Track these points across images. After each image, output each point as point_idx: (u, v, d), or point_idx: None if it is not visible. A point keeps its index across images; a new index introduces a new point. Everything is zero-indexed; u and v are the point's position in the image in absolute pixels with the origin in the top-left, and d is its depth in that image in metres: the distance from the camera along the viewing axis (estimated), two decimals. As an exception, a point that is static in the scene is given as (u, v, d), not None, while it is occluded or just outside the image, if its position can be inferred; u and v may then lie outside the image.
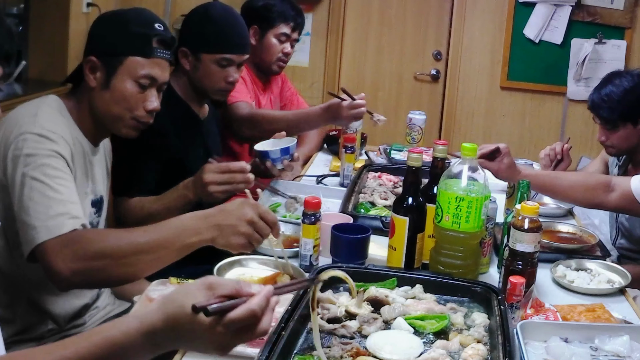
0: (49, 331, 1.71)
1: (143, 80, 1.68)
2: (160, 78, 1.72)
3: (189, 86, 2.24)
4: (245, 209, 1.54)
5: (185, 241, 1.50)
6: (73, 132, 1.67)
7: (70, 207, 1.50)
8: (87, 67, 1.68)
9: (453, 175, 1.67)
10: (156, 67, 1.70)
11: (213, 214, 1.54)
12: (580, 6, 3.99)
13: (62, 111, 1.67)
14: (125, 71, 1.67)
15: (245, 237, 1.53)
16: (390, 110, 4.42)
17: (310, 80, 4.34)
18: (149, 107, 1.71)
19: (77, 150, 1.67)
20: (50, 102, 1.67)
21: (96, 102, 1.69)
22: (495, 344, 1.34)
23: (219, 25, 2.20)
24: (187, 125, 2.23)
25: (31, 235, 1.46)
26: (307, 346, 1.35)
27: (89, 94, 1.70)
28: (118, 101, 1.68)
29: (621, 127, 2.47)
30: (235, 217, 1.52)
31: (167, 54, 1.73)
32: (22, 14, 3.63)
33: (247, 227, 1.52)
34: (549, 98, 4.20)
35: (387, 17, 4.33)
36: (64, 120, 1.65)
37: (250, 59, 2.88)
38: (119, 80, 1.67)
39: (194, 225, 1.51)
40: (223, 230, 1.51)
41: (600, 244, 2.12)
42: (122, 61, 1.67)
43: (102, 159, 1.85)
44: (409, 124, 3.04)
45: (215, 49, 2.19)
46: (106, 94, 1.68)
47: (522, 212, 1.63)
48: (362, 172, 2.56)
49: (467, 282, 1.62)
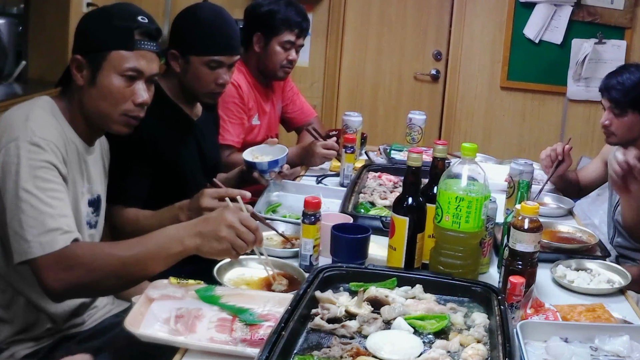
0: (47, 330, 1.71)
1: (129, 73, 1.67)
2: (146, 70, 1.70)
3: (179, 88, 2.22)
4: (225, 214, 1.56)
5: (170, 251, 1.54)
6: (66, 133, 1.66)
7: (62, 222, 1.51)
8: (73, 66, 1.68)
9: (453, 175, 1.67)
10: (141, 59, 1.68)
11: (195, 223, 1.58)
12: (580, 6, 3.99)
13: (54, 112, 1.67)
14: (109, 66, 1.66)
15: (228, 242, 1.54)
16: (390, 110, 4.43)
17: (310, 80, 4.34)
18: (137, 100, 1.69)
19: (71, 151, 1.67)
20: (42, 104, 1.66)
21: (85, 100, 1.68)
22: (495, 344, 1.34)
23: (207, 26, 2.15)
24: (178, 128, 2.20)
25: (23, 249, 1.48)
26: (307, 346, 1.35)
27: (79, 92, 1.69)
28: (105, 97, 1.67)
29: (629, 114, 2.47)
30: (215, 223, 1.55)
31: (153, 45, 1.71)
32: (22, 14, 3.64)
33: (228, 231, 1.54)
34: (549, 98, 4.20)
35: (387, 17, 4.33)
36: (56, 122, 1.65)
37: (254, 65, 2.88)
38: (104, 76, 1.66)
39: (177, 235, 1.55)
40: (205, 237, 1.54)
41: (600, 244, 2.12)
42: (105, 56, 1.65)
43: (99, 158, 1.84)
44: (409, 124, 3.04)
45: (203, 51, 2.15)
46: (93, 91, 1.67)
47: (522, 212, 1.63)
48: (362, 172, 2.56)
49: (467, 282, 1.61)
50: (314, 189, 2.45)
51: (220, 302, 1.52)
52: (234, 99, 2.75)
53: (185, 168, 2.20)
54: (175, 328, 1.42)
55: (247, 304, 1.52)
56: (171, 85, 2.21)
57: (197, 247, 1.54)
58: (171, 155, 2.16)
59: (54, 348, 1.70)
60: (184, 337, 1.40)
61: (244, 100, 2.79)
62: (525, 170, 2.28)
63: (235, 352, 1.36)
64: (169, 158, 2.15)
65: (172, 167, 2.16)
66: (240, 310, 1.50)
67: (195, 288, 1.55)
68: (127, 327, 1.37)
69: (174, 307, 1.49)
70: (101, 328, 1.80)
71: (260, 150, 2.40)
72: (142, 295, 1.50)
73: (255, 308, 1.51)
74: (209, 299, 1.53)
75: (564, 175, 2.68)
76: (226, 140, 2.72)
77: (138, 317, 1.43)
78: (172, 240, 1.54)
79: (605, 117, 2.54)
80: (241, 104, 2.78)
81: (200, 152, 2.28)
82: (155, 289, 1.53)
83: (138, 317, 1.43)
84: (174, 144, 2.18)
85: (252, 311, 1.49)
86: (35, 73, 3.62)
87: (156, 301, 1.50)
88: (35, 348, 1.68)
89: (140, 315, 1.44)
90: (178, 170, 2.18)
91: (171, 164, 2.16)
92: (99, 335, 1.75)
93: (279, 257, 1.84)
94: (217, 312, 1.50)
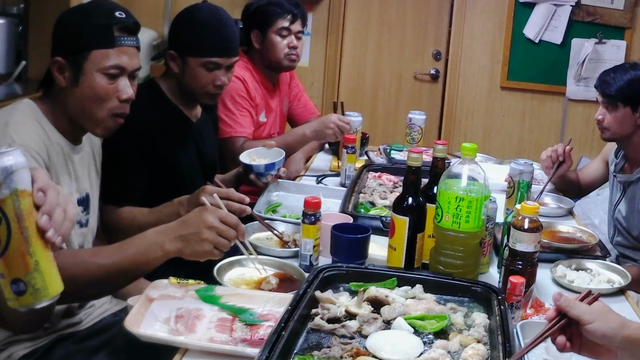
0: (44, 330, 1.70)
1: (111, 71, 1.65)
2: (128, 66, 1.68)
3: (178, 89, 2.22)
4: (204, 215, 1.55)
5: (150, 257, 1.53)
6: (49, 135, 1.64)
7: None
8: (54, 68, 1.66)
9: (453, 175, 1.67)
10: (123, 55, 1.66)
11: (174, 226, 1.57)
12: (580, 6, 3.99)
13: (36, 115, 1.65)
14: (91, 66, 1.64)
15: (210, 243, 1.53)
16: (390, 110, 4.43)
17: (310, 80, 4.34)
18: (122, 96, 1.68)
19: (55, 152, 1.65)
20: (22, 109, 1.64)
21: (69, 101, 1.67)
22: (495, 343, 1.34)
23: (204, 28, 2.15)
24: (177, 128, 2.20)
25: None
26: (307, 346, 1.35)
27: (62, 94, 1.67)
28: (90, 97, 1.65)
29: (620, 108, 2.51)
30: (195, 226, 1.54)
31: (133, 40, 1.69)
32: (22, 14, 3.63)
33: (210, 233, 1.53)
34: (549, 98, 4.20)
35: (387, 17, 4.33)
36: (37, 126, 1.63)
37: (259, 62, 2.89)
38: (87, 77, 1.64)
39: (157, 239, 1.55)
40: (186, 241, 1.53)
41: (600, 244, 2.12)
42: (86, 57, 1.64)
43: (88, 156, 1.82)
44: (409, 124, 3.04)
45: (201, 53, 2.14)
46: (77, 92, 1.65)
47: (522, 212, 1.63)
48: (362, 172, 2.56)
49: (467, 282, 1.61)
50: (314, 189, 2.45)
51: (220, 302, 1.52)
52: (242, 92, 2.76)
53: (183, 169, 2.20)
54: (175, 328, 1.42)
55: (247, 304, 1.52)
56: (170, 86, 2.21)
57: (178, 250, 1.54)
58: (170, 156, 2.15)
59: (52, 347, 1.70)
60: (184, 337, 1.40)
61: (251, 94, 2.80)
62: (525, 170, 2.29)
63: (235, 352, 1.36)
64: (168, 159, 2.15)
65: (170, 168, 2.15)
66: (240, 310, 1.50)
67: (195, 288, 1.55)
68: (127, 327, 1.37)
69: (174, 307, 1.49)
70: (99, 327, 1.79)
71: (257, 152, 2.40)
72: (142, 295, 1.50)
73: (255, 308, 1.51)
74: (209, 299, 1.53)
75: (564, 175, 2.68)
76: (239, 132, 2.71)
77: (138, 317, 1.43)
78: (152, 246, 1.54)
79: (599, 112, 2.59)
80: (248, 97, 2.79)
81: (199, 154, 2.28)
82: (155, 289, 1.53)
83: (138, 317, 1.43)
84: (173, 145, 2.17)
85: (252, 311, 1.49)
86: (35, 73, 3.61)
87: (156, 301, 1.50)
88: (33, 348, 1.68)
89: (140, 315, 1.44)
90: (176, 171, 2.17)
91: (170, 164, 2.15)
92: (97, 335, 1.75)
93: (279, 257, 1.84)
94: (217, 312, 1.50)
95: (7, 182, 1.00)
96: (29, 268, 1.01)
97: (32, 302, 1.03)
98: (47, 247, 1.04)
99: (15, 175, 1.00)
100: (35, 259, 1.02)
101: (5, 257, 1.01)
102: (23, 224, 1.01)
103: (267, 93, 2.91)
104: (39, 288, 1.03)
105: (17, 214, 1.00)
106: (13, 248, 1.01)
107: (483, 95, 4.28)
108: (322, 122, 2.76)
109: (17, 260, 1.01)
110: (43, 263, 1.03)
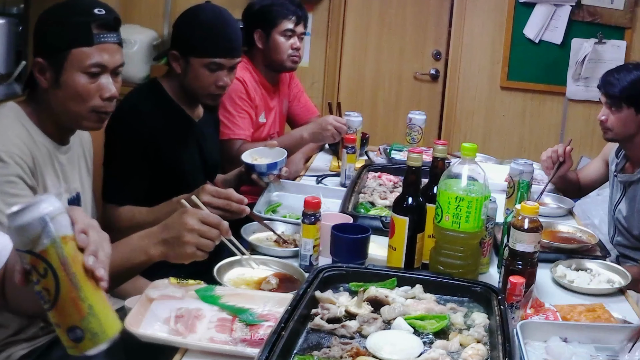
0: (42, 329, 1.70)
1: (92, 69, 1.63)
2: (110, 63, 1.66)
3: (180, 89, 2.22)
4: (184, 218, 1.54)
5: (134, 261, 1.54)
6: (34, 138, 1.64)
7: None
8: (35, 69, 1.64)
9: (453, 175, 1.66)
10: (103, 53, 1.64)
11: (156, 231, 1.57)
12: (580, 6, 3.99)
13: (20, 118, 1.64)
14: (71, 65, 1.62)
15: (193, 245, 1.53)
16: (390, 110, 4.43)
17: (310, 80, 4.33)
18: (105, 94, 1.66)
19: (41, 154, 1.64)
20: (5, 113, 1.63)
21: (52, 102, 1.66)
22: (495, 344, 1.34)
23: (207, 28, 2.14)
24: (179, 128, 2.20)
25: None
26: (307, 346, 1.35)
27: (45, 95, 1.66)
28: (72, 97, 1.64)
29: (624, 109, 2.51)
30: (177, 229, 1.54)
31: (113, 36, 1.66)
32: (22, 14, 3.63)
33: (191, 235, 1.53)
34: (549, 98, 4.20)
35: (387, 17, 4.33)
36: (21, 129, 1.62)
37: (260, 62, 2.89)
38: (67, 76, 1.62)
39: (140, 244, 1.55)
40: (169, 245, 1.53)
41: (600, 244, 2.12)
42: (66, 56, 1.62)
43: (77, 155, 1.81)
44: (409, 124, 3.04)
45: (203, 53, 2.14)
46: (59, 92, 1.64)
47: (522, 212, 1.63)
48: (362, 172, 2.56)
49: (467, 282, 1.61)
50: (314, 189, 2.45)
51: (220, 302, 1.52)
52: (241, 94, 2.76)
53: (185, 169, 2.20)
54: (175, 328, 1.42)
55: (247, 304, 1.52)
56: (173, 86, 2.21)
57: (162, 254, 1.54)
58: (172, 156, 2.15)
59: (50, 347, 1.70)
60: (184, 337, 1.40)
61: (250, 95, 2.80)
62: (525, 170, 2.29)
63: (235, 352, 1.36)
64: (170, 159, 2.15)
65: (172, 168, 2.15)
66: (240, 310, 1.50)
67: (195, 288, 1.55)
68: (127, 327, 1.37)
69: (174, 307, 1.49)
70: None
71: (259, 152, 2.40)
72: (141, 296, 1.51)
73: (255, 308, 1.51)
74: (209, 299, 1.53)
75: (565, 175, 2.68)
76: (237, 135, 2.72)
77: (138, 317, 1.43)
78: (135, 251, 1.54)
79: (602, 113, 2.58)
80: (248, 98, 2.79)
81: (201, 154, 2.28)
82: (155, 289, 1.53)
83: (138, 317, 1.43)
84: (175, 144, 2.17)
85: (252, 311, 1.50)
86: (35, 73, 3.61)
87: (156, 301, 1.50)
88: (31, 348, 1.68)
89: (140, 315, 1.44)
90: (178, 171, 2.17)
91: (172, 164, 2.15)
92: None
93: (279, 257, 1.84)
94: (217, 312, 1.50)
95: (46, 232, 0.96)
96: (83, 314, 0.98)
97: (92, 347, 0.99)
98: (98, 287, 1.01)
99: (54, 223, 0.97)
100: (89, 303, 0.98)
101: (57, 307, 0.97)
102: (70, 270, 0.97)
103: (266, 94, 2.91)
104: (97, 332, 0.99)
105: (63, 262, 0.97)
106: (64, 297, 0.97)
107: (483, 95, 4.28)
108: (319, 124, 2.76)
109: (70, 309, 0.97)
110: (97, 305, 0.99)
